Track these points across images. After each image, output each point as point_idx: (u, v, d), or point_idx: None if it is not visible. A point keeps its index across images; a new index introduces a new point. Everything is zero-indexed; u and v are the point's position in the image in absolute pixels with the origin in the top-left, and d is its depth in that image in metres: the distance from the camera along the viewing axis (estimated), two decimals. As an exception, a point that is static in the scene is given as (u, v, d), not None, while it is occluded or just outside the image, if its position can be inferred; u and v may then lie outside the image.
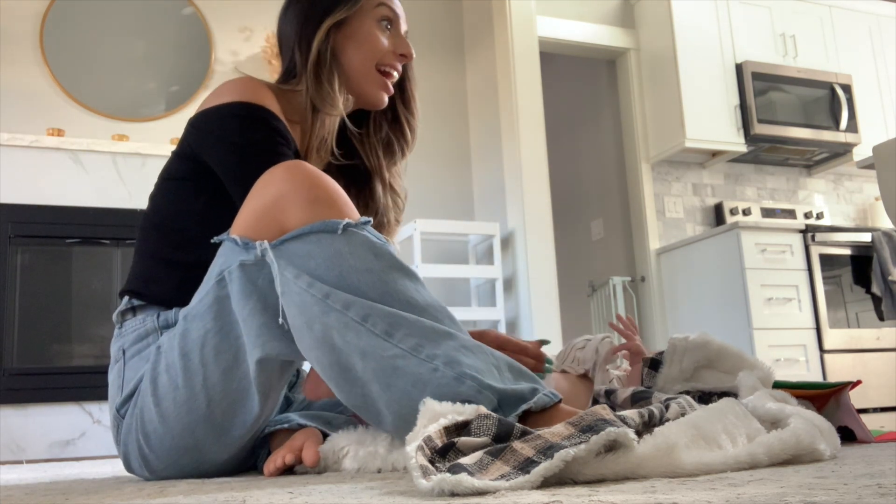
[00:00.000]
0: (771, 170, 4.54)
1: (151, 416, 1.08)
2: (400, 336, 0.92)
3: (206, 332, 1.04)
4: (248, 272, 1.01)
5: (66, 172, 3.08)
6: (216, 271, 1.05)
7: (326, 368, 0.96)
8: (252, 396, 1.06)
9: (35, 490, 1.05)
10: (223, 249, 1.06)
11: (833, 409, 1.24)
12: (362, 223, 1.00)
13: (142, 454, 1.11)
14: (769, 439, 0.80)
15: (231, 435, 1.09)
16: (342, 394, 0.97)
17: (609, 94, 4.54)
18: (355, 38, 1.28)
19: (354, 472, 1.01)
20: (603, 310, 4.23)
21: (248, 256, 1.01)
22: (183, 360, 1.05)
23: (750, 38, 4.24)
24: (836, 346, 3.68)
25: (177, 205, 1.21)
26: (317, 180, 1.02)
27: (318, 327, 0.95)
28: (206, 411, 1.05)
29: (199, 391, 1.04)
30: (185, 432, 1.07)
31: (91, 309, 3.08)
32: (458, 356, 0.90)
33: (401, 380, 0.90)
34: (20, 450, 2.85)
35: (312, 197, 1.00)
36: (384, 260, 0.97)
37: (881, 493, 0.53)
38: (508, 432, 0.75)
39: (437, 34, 4.25)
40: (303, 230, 0.98)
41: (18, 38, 3.39)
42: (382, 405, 0.93)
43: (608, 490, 0.62)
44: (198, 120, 1.22)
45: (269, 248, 0.99)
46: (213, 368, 1.04)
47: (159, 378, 1.07)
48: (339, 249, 0.96)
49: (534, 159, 3.70)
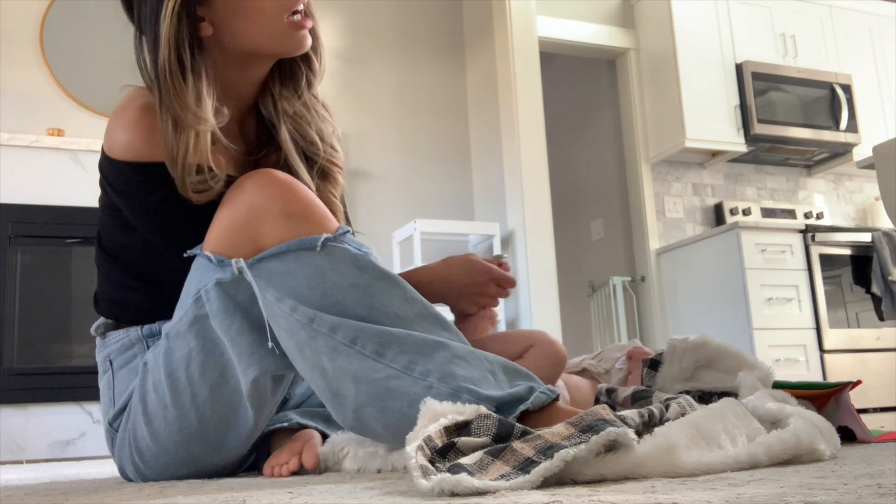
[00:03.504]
0: (771, 170, 4.54)
1: (143, 434, 1.06)
2: (391, 355, 0.89)
3: (190, 351, 1.01)
4: (226, 289, 0.98)
5: (66, 172, 3.08)
6: (192, 290, 1.01)
7: (320, 391, 0.95)
8: (244, 411, 1.04)
9: (35, 490, 1.05)
10: (197, 266, 1.02)
11: (833, 410, 1.24)
12: (341, 234, 0.97)
13: (136, 468, 1.10)
14: (769, 439, 0.80)
15: (227, 446, 1.08)
16: (338, 417, 0.95)
17: (609, 95, 4.54)
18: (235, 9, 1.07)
19: (354, 473, 1.01)
20: (603, 310, 4.23)
21: (223, 274, 0.98)
22: (169, 380, 1.02)
23: (750, 38, 4.24)
24: (836, 346, 3.68)
25: (117, 238, 1.15)
26: (290, 193, 0.98)
27: (308, 352, 0.93)
28: (198, 427, 1.04)
29: (189, 409, 1.02)
30: (180, 449, 1.05)
31: (91, 309, 3.07)
32: (452, 369, 0.88)
33: (395, 401, 0.89)
34: (20, 450, 2.85)
35: (288, 211, 0.96)
36: (368, 273, 0.95)
37: (881, 493, 0.53)
38: (508, 432, 0.75)
39: (437, 34, 4.25)
40: (280, 248, 0.95)
41: (18, 38, 3.39)
42: (379, 427, 0.92)
43: (608, 490, 0.62)
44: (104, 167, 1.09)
45: (245, 266, 0.96)
46: (201, 386, 1.02)
47: (148, 396, 1.05)
48: (320, 266, 0.94)
49: (534, 159, 3.70)
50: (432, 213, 3.91)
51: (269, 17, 1.08)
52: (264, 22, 1.08)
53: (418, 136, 4.05)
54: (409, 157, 4.05)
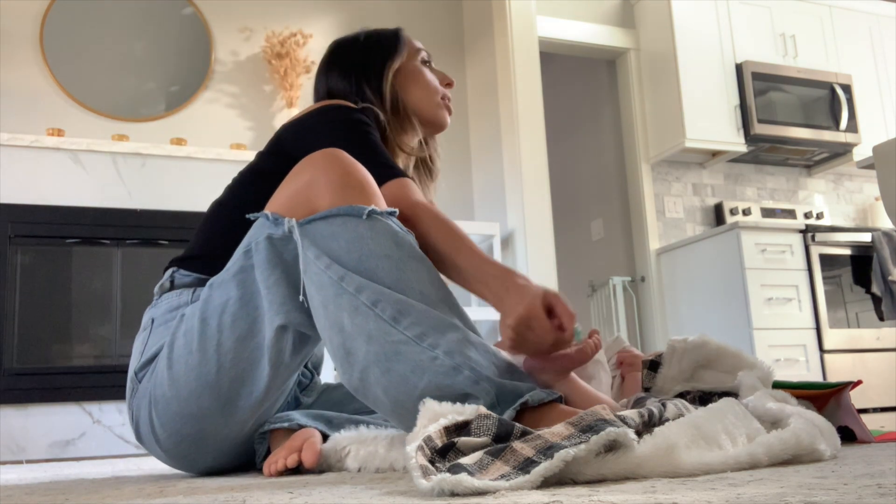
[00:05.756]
0: (771, 170, 4.54)
1: (163, 378, 1.11)
2: (406, 323, 0.93)
3: (228, 300, 1.08)
4: (275, 244, 1.05)
5: (66, 172, 3.08)
6: (245, 243, 1.09)
7: (334, 349, 0.99)
8: (262, 368, 1.08)
9: (35, 490, 1.05)
10: (256, 224, 1.10)
11: (833, 410, 1.24)
12: (388, 213, 1.03)
13: (150, 420, 1.14)
14: (769, 439, 0.80)
15: (235, 407, 1.11)
16: (344, 375, 0.99)
17: (609, 94, 4.54)
18: (413, 78, 1.42)
19: (355, 472, 1.01)
20: (603, 310, 4.23)
21: (276, 231, 1.05)
22: (201, 325, 1.09)
23: (750, 38, 4.24)
24: (836, 346, 3.68)
25: (255, 194, 1.24)
26: (350, 168, 1.06)
27: (331, 308, 0.98)
28: (214, 378, 1.08)
29: (211, 356, 1.08)
30: (191, 398, 1.09)
31: (91, 309, 3.08)
32: (460, 348, 0.92)
33: (400, 364, 0.92)
34: (20, 450, 2.85)
35: (344, 182, 1.04)
36: (404, 249, 1.00)
37: (881, 493, 0.53)
38: (508, 432, 0.75)
39: (437, 34, 4.25)
40: (330, 212, 1.02)
41: (18, 38, 3.39)
42: (380, 390, 0.94)
43: (608, 490, 0.62)
44: (294, 120, 1.30)
45: (295, 225, 1.03)
46: (229, 335, 1.07)
47: (176, 342, 1.11)
48: (361, 233, 0.99)
49: (534, 159, 3.70)
50: (432, 213, 3.91)
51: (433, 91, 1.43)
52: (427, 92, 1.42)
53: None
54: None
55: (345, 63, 1.41)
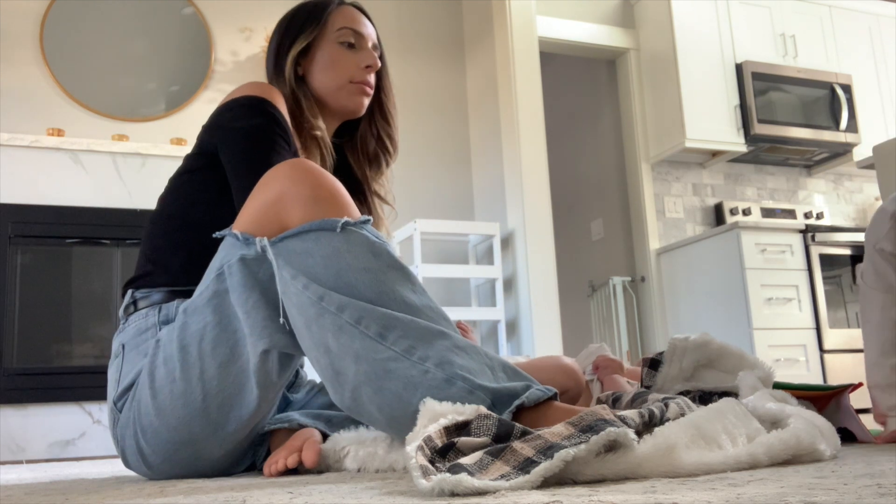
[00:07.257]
0: (771, 170, 4.54)
1: (148, 408, 1.08)
2: (393, 338, 0.91)
3: (205, 326, 1.04)
4: (248, 265, 1.02)
5: (66, 172, 3.08)
6: (216, 266, 1.06)
7: (322, 369, 0.97)
8: (250, 391, 1.06)
9: (35, 490, 1.05)
10: (224, 244, 1.06)
11: (833, 411, 1.24)
12: (361, 222, 1.00)
13: (139, 448, 1.11)
14: (769, 439, 0.80)
15: (226, 430, 1.09)
16: (335, 395, 0.97)
17: (609, 94, 4.54)
18: (319, 60, 1.38)
19: (354, 472, 1.01)
20: (603, 310, 4.23)
21: (248, 251, 1.02)
22: (181, 353, 1.05)
23: (750, 38, 4.24)
24: (836, 346, 3.68)
25: (187, 196, 1.25)
26: (319, 179, 1.02)
27: (314, 329, 0.96)
28: (201, 405, 1.05)
29: (196, 384, 1.05)
30: (181, 426, 1.07)
31: (91, 309, 3.08)
32: (450, 356, 0.90)
33: (392, 382, 0.90)
34: (20, 450, 2.85)
35: (314, 196, 1.00)
36: (382, 259, 0.98)
37: (881, 493, 0.53)
38: (508, 432, 0.75)
39: (437, 34, 4.25)
40: (302, 228, 0.98)
41: (18, 38, 3.39)
42: (374, 408, 0.93)
43: (608, 490, 0.62)
44: (211, 115, 1.29)
45: (268, 245, 1.00)
46: (210, 361, 1.04)
47: (157, 371, 1.08)
48: (337, 248, 0.97)
49: (534, 159, 3.70)
50: (432, 213, 3.91)
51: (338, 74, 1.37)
52: (331, 77, 1.37)
53: (418, 136, 4.05)
54: (408, 157, 4.04)
55: (273, 38, 1.43)
